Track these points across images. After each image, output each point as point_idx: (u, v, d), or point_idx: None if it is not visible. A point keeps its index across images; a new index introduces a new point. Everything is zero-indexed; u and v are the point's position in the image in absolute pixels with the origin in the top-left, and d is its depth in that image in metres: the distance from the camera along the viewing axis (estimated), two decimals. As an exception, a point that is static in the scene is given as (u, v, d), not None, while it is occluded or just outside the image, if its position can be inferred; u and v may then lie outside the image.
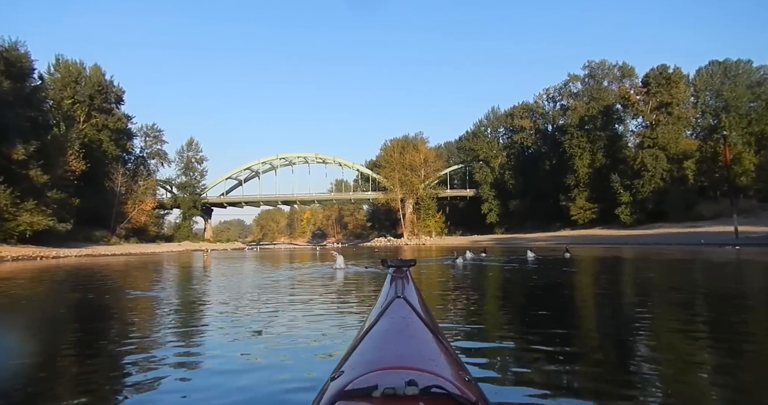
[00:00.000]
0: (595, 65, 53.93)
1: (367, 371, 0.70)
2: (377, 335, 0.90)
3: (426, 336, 0.89)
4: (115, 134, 47.56)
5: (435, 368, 0.72)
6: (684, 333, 3.17)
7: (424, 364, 0.72)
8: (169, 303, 5.43)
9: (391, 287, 1.18)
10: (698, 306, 4.62)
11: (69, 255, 24.02)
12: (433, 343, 0.87)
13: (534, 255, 12.70)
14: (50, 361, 2.75)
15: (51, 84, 42.15)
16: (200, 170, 65.39)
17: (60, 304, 5.84)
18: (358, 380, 0.67)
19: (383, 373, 0.68)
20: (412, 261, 1.38)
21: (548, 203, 53.70)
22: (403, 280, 1.24)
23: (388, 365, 0.72)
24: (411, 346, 0.84)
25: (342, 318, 3.93)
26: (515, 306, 4.99)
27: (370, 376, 0.68)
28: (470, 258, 13.12)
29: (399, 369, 0.70)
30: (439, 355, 0.81)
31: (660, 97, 44.43)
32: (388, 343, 0.86)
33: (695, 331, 3.24)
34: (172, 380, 2.19)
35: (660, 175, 42.58)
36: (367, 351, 0.83)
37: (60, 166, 30.55)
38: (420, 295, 1.27)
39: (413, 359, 0.75)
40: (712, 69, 54.12)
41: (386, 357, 0.77)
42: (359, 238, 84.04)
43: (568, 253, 13.28)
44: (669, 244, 26.51)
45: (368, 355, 0.81)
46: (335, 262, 9.97)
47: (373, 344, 0.86)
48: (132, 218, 47.01)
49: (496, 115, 66.77)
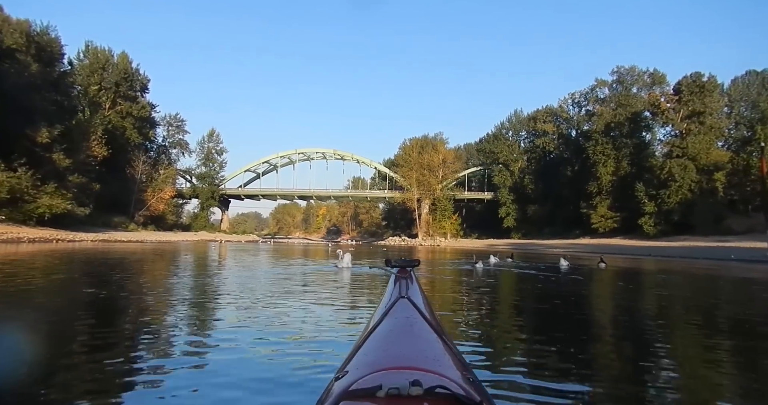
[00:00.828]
0: (624, 71, 52.49)
1: (371, 371, 0.70)
2: (381, 335, 0.90)
3: (430, 336, 0.89)
4: (139, 122, 48.25)
5: (439, 368, 0.71)
6: (712, 363, 2.75)
7: (429, 365, 0.72)
8: (172, 296, 5.16)
9: (395, 287, 1.18)
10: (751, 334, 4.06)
11: (85, 239, 24.19)
12: (437, 344, 0.86)
13: (567, 263, 11.82)
14: (56, 353, 2.62)
15: (79, 70, 42.93)
16: (220, 161, 66.20)
17: (68, 294, 5.58)
18: (363, 380, 0.67)
19: (387, 373, 0.68)
20: (416, 261, 1.40)
21: (568, 210, 52.61)
22: (407, 280, 1.25)
23: (392, 365, 0.71)
24: (415, 346, 0.84)
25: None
26: (562, 337, 3.62)
27: (374, 376, 0.68)
28: (495, 263, 12.42)
29: (403, 369, 0.69)
30: (443, 356, 0.81)
31: (692, 105, 42.81)
32: (392, 343, 0.86)
33: (727, 361, 2.81)
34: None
35: (688, 186, 41.05)
36: (371, 351, 0.83)
37: (83, 151, 30.97)
38: (424, 296, 1.27)
39: (417, 359, 0.75)
40: (749, 79, 52.24)
41: (390, 357, 0.77)
42: (374, 236, 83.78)
43: (603, 263, 12.22)
44: (695, 257, 25.43)
45: (372, 355, 0.81)
46: (341, 260, 9.18)
47: (377, 344, 0.86)
48: (151, 206, 47.65)
49: (519, 119, 65.68)
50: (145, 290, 5.56)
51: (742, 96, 51.16)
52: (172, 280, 6.92)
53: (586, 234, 47.54)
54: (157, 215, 49.34)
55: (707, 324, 4.32)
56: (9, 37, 27.22)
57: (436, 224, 64.96)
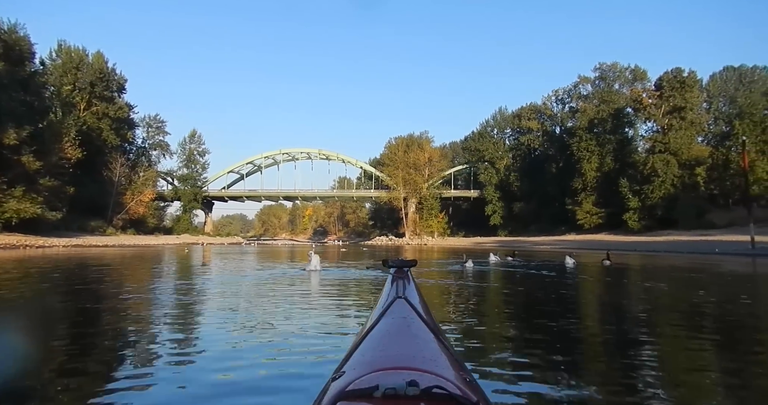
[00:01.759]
0: (606, 68, 52.81)
1: (368, 371, 0.70)
2: (378, 335, 0.90)
3: (427, 336, 0.89)
4: (116, 123, 46.84)
5: (436, 369, 0.71)
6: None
7: (425, 365, 0.72)
8: (143, 303, 4.80)
9: (392, 287, 1.18)
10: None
11: (56, 245, 23.15)
12: (434, 344, 0.87)
13: (574, 261, 11.22)
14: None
15: (52, 70, 41.51)
16: (202, 163, 64.94)
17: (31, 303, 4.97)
18: (359, 380, 0.67)
19: (384, 374, 0.68)
20: (413, 261, 1.37)
21: (554, 206, 52.79)
22: (404, 280, 1.24)
23: (389, 365, 0.71)
24: (412, 346, 0.83)
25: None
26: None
27: (371, 377, 0.68)
28: (495, 262, 11.87)
29: (400, 369, 0.69)
30: (440, 356, 0.81)
31: (673, 101, 43.20)
32: (389, 343, 0.86)
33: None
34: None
35: (671, 181, 41.42)
36: (368, 351, 0.83)
37: (55, 153, 29.77)
38: (421, 296, 1.26)
39: (414, 359, 0.75)
40: (727, 75, 53.08)
41: (387, 357, 0.77)
42: (361, 236, 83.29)
43: (609, 260, 11.57)
44: (680, 252, 25.55)
45: (369, 355, 0.81)
46: (309, 262, 8.36)
47: (374, 344, 0.86)
48: (130, 209, 46.36)
49: (503, 116, 65.75)
50: (99, 303, 4.99)
51: (720, 91, 51.96)
52: (129, 292, 6.33)
53: (571, 230, 47.69)
54: (137, 218, 48.04)
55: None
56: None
57: (423, 223, 64.75)
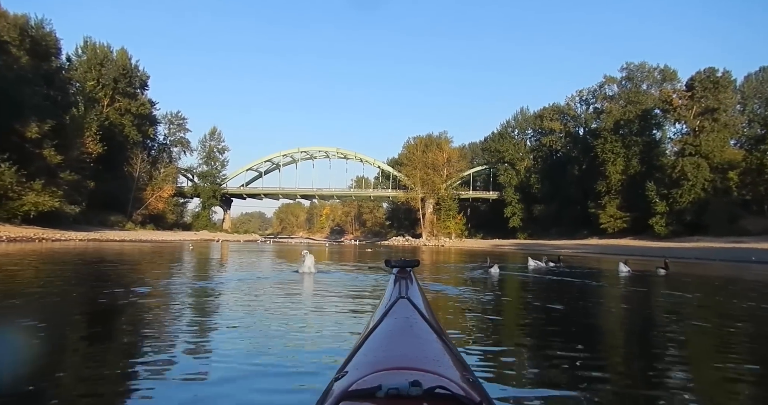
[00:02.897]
0: (633, 67, 51.19)
1: (370, 371, 0.70)
2: (381, 335, 0.90)
3: (430, 336, 0.89)
4: (138, 119, 47.49)
5: (439, 369, 0.71)
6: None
7: (428, 365, 0.72)
8: (149, 301, 4.54)
9: (395, 287, 1.18)
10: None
11: (72, 238, 23.20)
12: (437, 344, 0.86)
13: (628, 269, 10.14)
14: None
15: (77, 66, 42.26)
16: (221, 160, 65.40)
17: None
18: (362, 381, 0.67)
19: (387, 374, 0.68)
20: (415, 261, 1.38)
21: (575, 209, 51.45)
22: (407, 280, 1.25)
23: (391, 366, 0.71)
24: (415, 346, 0.83)
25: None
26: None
27: (373, 377, 0.67)
28: (535, 268, 10.96)
29: (403, 369, 0.69)
30: (443, 356, 0.81)
31: (705, 102, 41.34)
32: (392, 343, 0.86)
33: None
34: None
35: (701, 185, 39.65)
36: (370, 351, 0.83)
37: (77, 147, 30.13)
38: (424, 296, 1.26)
39: (417, 360, 0.74)
40: (763, 75, 50.75)
41: (390, 357, 0.77)
42: (377, 236, 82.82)
43: (664, 269, 10.37)
44: (711, 259, 24.37)
45: (372, 355, 0.80)
46: (302, 263, 7.66)
47: (377, 345, 0.86)
48: (150, 204, 46.86)
49: (525, 117, 64.38)
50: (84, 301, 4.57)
51: (756, 93, 49.70)
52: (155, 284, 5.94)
53: (593, 234, 46.32)
54: (157, 214, 48.56)
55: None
56: (2, 31, 26.47)
57: (441, 224, 63.84)
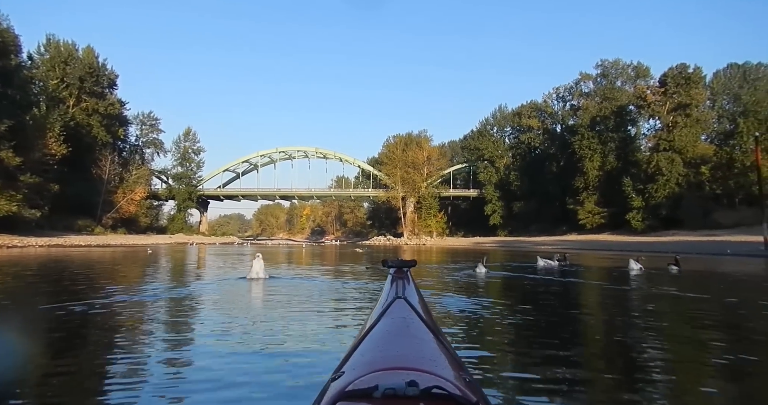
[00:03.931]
0: (608, 64, 51.91)
1: (367, 372, 0.70)
2: (378, 336, 0.90)
3: (426, 336, 0.89)
4: (107, 120, 45.74)
5: (435, 369, 0.71)
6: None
7: (425, 365, 0.72)
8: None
9: (392, 288, 1.18)
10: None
11: (32, 244, 21.87)
12: (433, 344, 0.87)
13: (640, 267, 9.55)
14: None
15: (40, 64, 40.40)
16: (197, 161, 63.92)
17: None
18: (359, 381, 0.67)
19: (384, 374, 0.68)
20: (412, 261, 1.38)
21: (554, 206, 51.91)
22: (404, 280, 1.24)
23: (388, 366, 0.71)
24: (411, 346, 0.83)
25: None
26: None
27: (370, 377, 0.67)
28: (545, 266, 10.39)
29: (399, 370, 0.69)
30: (439, 356, 0.81)
31: (678, 98, 42.13)
32: (389, 343, 0.86)
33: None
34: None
35: (675, 179, 40.38)
36: (367, 351, 0.83)
37: (38, 148, 28.60)
38: (421, 296, 1.27)
39: (414, 360, 0.74)
40: (731, 72, 51.98)
41: (387, 357, 0.76)
42: (359, 236, 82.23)
43: (676, 266, 9.62)
44: (687, 253, 24.59)
45: (369, 355, 0.80)
46: (250, 269, 6.97)
47: (374, 345, 0.86)
48: (121, 208, 45.19)
49: (503, 114, 64.69)
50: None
51: (724, 89, 50.88)
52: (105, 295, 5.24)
53: (573, 230, 46.80)
54: (129, 217, 46.84)
55: None
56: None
57: (422, 223, 63.70)
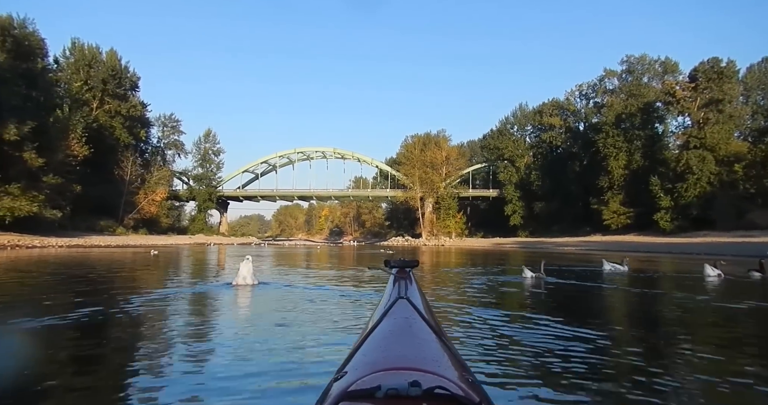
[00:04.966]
0: (634, 60, 50.13)
1: (370, 372, 0.70)
2: (380, 336, 0.90)
3: (429, 337, 0.89)
4: (129, 121, 46.48)
5: (438, 369, 0.71)
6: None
7: (428, 365, 0.72)
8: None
9: (394, 288, 1.18)
10: None
11: (51, 245, 22.02)
12: (436, 344, 0.87)
13: (717, 272, 8.43)
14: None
15: (65, 67, 41.29)
16: (217, 162, 64.55)
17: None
18: (361, 381, 0.67)
19: (386, 374, 0.68)
20: (414, 262, 1.39)
21: (577, 206, 50.51)
22: (406, 280, 1.25)
23: (391, 366, 0.71)
24: (414, 346, 0.83)
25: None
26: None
27: (373, 377, 0.67)
28: (611, 270, 9.46)
29: (402, 370, 0.69)
30: (442, 356, 0.81)
31: (710, 93, 40.19)
32: (391, 343, 0.86)
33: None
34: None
35: (707, 178, 38.58)
36: (370, 352, 0.83)
37: (61, 150, 29.04)
38: (423, 296, 1.27)
39: (416, 360, 0.74)
40: (766, 66, 49.70)
41: (389, 358, 0.76)
42: (377, 236, 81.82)
43: (759, 272, 8.46)
44: (722, 254, 23.35)
45: (371, 355, 0.80)
46: (237, 274, 6.04)
47: (376, 345, 0.86)
48: (142, 208, 45.80)
49: (524, 113, 63.33)
50: None
51: (759, 84, 48.65)
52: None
53: (596, 231, 45.32)
54: (150, 218, 47.45)
55: None
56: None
57: (440, 223, 62.87)
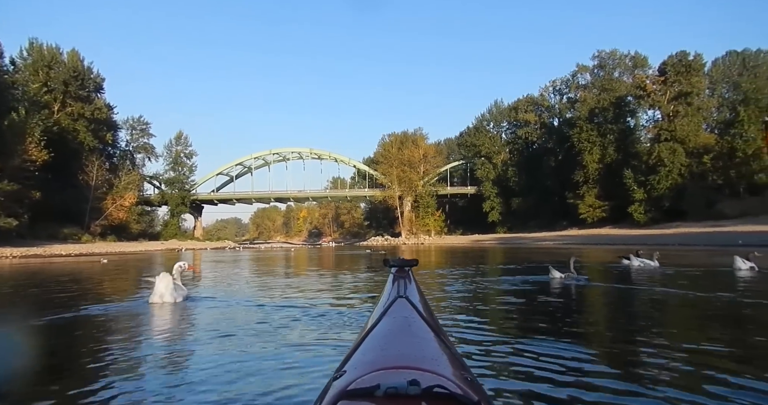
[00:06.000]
0: (605, 55, 51.01)
1: (369, 371, 0.70)
2: (379, 335, 0.90)
3: (428, 336, 0.89)
4: (94, 124, 44.57)
5: (437, 368, 0.71)
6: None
7: (427, 364, 0.72)
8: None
9: (393, 287, 1.18)
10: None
11: (4, 255, 20.38)
12: (435, 343, 0.87)
13: (750, 265, 7.57)
14: None
15: (22, 68, 39.26)
16: (189, 165, 62.76)
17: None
18: (361, 380, 0.67)
19: (385, 373, 0.68)
20: (414, 261, 1.39)
21: (554, 201, 51.11)
22: (405, 280, 1.24)
23: (390, 365, 0.71)
24: (413, 345, 0.83)
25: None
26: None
27: (372, 376, 0.67)
28: (639, 267, 8.62)
29: (401, 369, 0.69)
30: (441, 355, 0.81)
31: (679, 86, 41.13)
32: (390, 342, 0.86)
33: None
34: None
35: (678, 170, 39.38)
36: (369, 351, 0.83)
37: (17, 154, 27.41)
38: (422, 295, 1.27)
39: (415, 359, 0.74)
40: (730, 60, 51.09)
41: (388, 357, 0.76)
42: (356, 236, 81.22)
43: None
44: (695, 244, 23.87)
45: (370, 354, 0.80)
46: (153, 289, 4.79)
47: (375, 344, 0.86)
48: (110, 214, 43.95)
49: (499, 109, 63.75)
50: None
51: (724, 77, 49.99)
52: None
53: (573, 225, 45.91)
54: (118, 224, 45.58)
55: None
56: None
57: (420, 222, 62.74)
